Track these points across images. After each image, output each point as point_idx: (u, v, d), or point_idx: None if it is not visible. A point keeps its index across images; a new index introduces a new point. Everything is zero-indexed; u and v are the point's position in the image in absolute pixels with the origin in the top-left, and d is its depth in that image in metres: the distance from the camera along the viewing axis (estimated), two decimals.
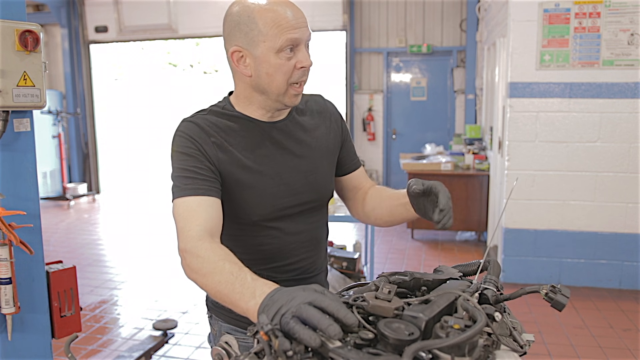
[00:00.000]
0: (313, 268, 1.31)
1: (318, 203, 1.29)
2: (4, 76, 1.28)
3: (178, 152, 1.14)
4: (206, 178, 1.11)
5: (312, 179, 1.25)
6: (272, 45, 1.09)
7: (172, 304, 3.89)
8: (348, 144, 1.38)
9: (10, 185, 1.37)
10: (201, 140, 1.14)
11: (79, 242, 5.77)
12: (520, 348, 0.86)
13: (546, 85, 3.93)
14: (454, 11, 7.35)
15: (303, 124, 1.28)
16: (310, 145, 1.27)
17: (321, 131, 1.30)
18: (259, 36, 1.09)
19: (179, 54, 13.38)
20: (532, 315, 3.56)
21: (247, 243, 1.22)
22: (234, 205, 1.18)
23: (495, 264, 1.04)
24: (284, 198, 1.21)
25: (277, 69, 1.11)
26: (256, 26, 1.09)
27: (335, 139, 1.34)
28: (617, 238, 3.97)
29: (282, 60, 1.10)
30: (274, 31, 1.08)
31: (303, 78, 1.14)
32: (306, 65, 1.12)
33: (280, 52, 1.09)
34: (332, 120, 1.34)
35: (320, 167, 1.28)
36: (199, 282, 0.98)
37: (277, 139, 1.22)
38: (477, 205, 5.35)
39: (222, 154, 1.16)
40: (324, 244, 1.35)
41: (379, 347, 0.75)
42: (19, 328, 1.41)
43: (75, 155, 8.53)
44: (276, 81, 1.12)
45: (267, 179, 1.19)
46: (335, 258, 3.53)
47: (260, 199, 1.19)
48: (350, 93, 7.62)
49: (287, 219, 1.23)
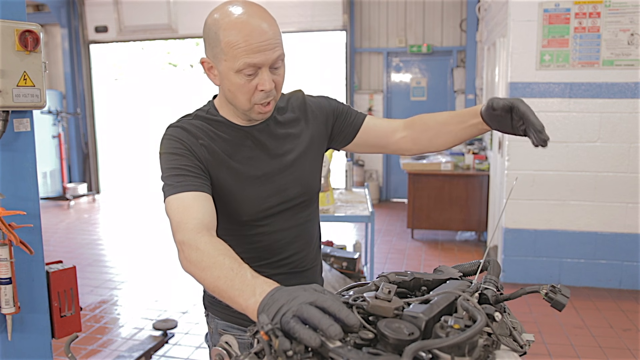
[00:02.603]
0: (305, 263, 1.32)
1: (306, 197, 1.29)
2: (4, 76, 1.28)
3: (167, 153, 1.15)
4: (198, 175, 1.12)
5: (297, 174, 1.27)
6: (230, 65, 1.08)
7: (172, 304, 3.89)
8: (341, 112, 1.35)
9: (10, 185, 1.37)
10: (190, 142, 1.16)
11: (79, 242, 5.77)
12: (520, 348, 0.86)
13: (546, 85, 3.93)
14: (454, 11, 7.35)
15: (283, 122, 1.28)
16: (293, 142, 1.27)
17: (302, 125, 1.30)
18: (220, 54, 1.09)
19: (179, 54, 13.39)
20: (532, 315, 3.56)
21: (238, 241, 1.22)
22: (223, 206, 1.19)
23: (495, 264, 1.04)
24: (271, 197, 1.23)
25: (237, 88, 1.11)
26: (219, 44, 1.08)
27: (319, 126, 1.33)
28: (617, 238, 3.97)
29: (241, 81, 1.09)
30: (233, 52, 1.07)
31: (266, 100, 1.13)
32: (265, 89, 1.10)
33: (238, 73, 1.09)
34: (314, 108, 1.33)
35: (305, 162, 1.29)
36: (196, 276, 0.96)
37: (260, 140, 1.23)
38: (477, 205, 5.35)
39: (210, 156, 1.17)
40: (315, 239, 1.36)
41: (379, 347, 0.75)
42: (19, 328, 1.41)
43: (75, 155, 8.53)
44: (238, 99, 1.13)
45: (253, 179, 1.21)
46: (335, 258, 3.53)
47: (248, 200, 1.20)
48: (350, 93, 7.62)
49: (276, 216, 1.24)
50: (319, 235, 1.39)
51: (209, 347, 1.39)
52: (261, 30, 1.06)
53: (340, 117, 1.35)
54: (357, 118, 1.36)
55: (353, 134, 1.35)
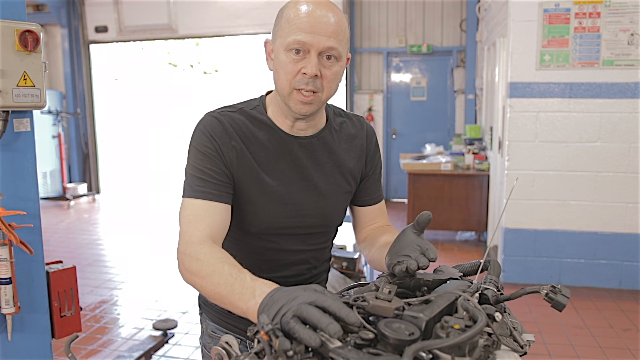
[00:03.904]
0: (309, 282, 1.27)
1: (324, 229, 1.25)
2: (4, 76, 1.28)
3: (196, 149, 1.12)
4: (219, 182, 1.09)
5: (322, 204, 1.21)
6: (283, 41, 1.07)
7: (172, 304, 3.89)
8: (373, 177, 1.31)
9: (10, 185, 1.37)
10: (221, 141, 1.11)
11: (79, 242, 5.77)
12: (521, 348, 0.86)
13: (546, 85, 3.93)
14: (454, 11, 7.35)
15: (330, 146, 1.21)
16: (330, 171, 1.21)
17: (346, 158, 1.24)
18: (278, 30, 1.09)
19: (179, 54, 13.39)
20: (532, 315, 3.56)
21: (246, 249, 1.21)
22: (237, 212, 1.16)
23: (495, 264, 1.04)
24: (288, 218, 1.18)
25: (282, 66, 1.08)
26: (280, 20, 1.09)
27: (360, 168, 1.27)
28: (617, 238, 3.97)
29: (287, 59, 1.07)
30: (287, 28, 1.06)
31: (307, 87, 1.07)
32: (307, 72, 1.05)
33: (288, 51, 1.06)
34: (365, 149, 1.27)
35: (334, 195, 1.23)
36: (197, 285, 0.96)
37: (297, 156, 1.18)
38: (477, 205, 5.35)
39: (238, 160, 1.13)
40: (323, 262, 1.32)
41: (379, 347, 0.75)
42: (19, 328, 1.41)
43: (75, 155, 8.53)
44: (280, 79, 1.09)
45: (276, 196, 1.16)
46: (335, 258, 3.53)
47: (264, 214, 1.16)
48: (350, 93, 7.63)
49: (287, 237, 1.20)
50: (329, 257, 1.34)
51: (201, 347, 1.39)
52: (320, 15, 1.05)
53: (367, 181, 1.31)
54: (372, 198, 1.32)
55: (356, 203, 1.32)
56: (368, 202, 1.32)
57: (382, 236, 1.24)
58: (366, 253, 1.27)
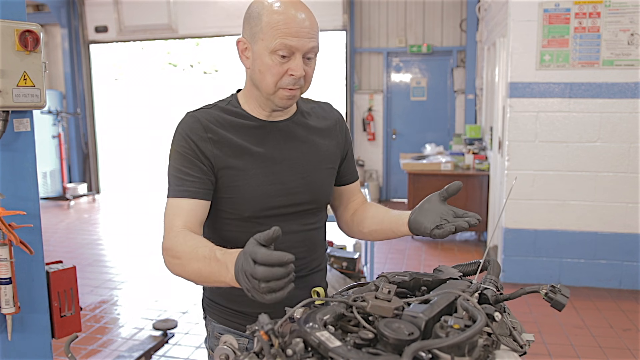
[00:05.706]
0: (307, 268, 1.30)
1: (314, 206, 1.29)
2: (4, 76, 1.28)
3: (175, 150, 1.20)
4: (196, 179, 1.16)
5: (309, 179, 1.26)
6: (267, 45, 1.12)
7: (172, 304, 3.89)
8: (350, 156, 1.41)
9: (10, 185, 1.37)
10: (196, 137, 1.18)
11: (79, 242, 5.77)
12: (520, 348, 0.86)
13: (546, 85, 3.93)
14: (454, 11, 7.35)
15: (306, 125, 1.30)
16: (311, 147, 1.28)
17: (324, 136, 1.32)
18: (259, 33, 1.13)
19: (179, 54, 13.39)
20: (532, 315, 3.56)
21: (239, 238, 1.21)
22: (228, 200, 1.21)
23: (495, 264, 1.04)
24: (278, 197, 1.22)
25: (268, 69, 1.14)
26: (260, 23, 1.13)
27: (338, 148, 1.35)
28: (617, 238, 3.97)
29: (273, 62, 1.12)
30: (272, 32, 1.11)
31: (294, 86, 1.15)
32: (295, 74, 1.13)
33: (273, 54, 1.12)
34: (338, 129, 1.36)
35: (319, 170, 1.29)
36: (183, 275, 1.06)
37: (278, 138, 1.24)
38: (477, 205, 5.35)
39: (218, 150, 1.18)
40: (319, 246, 1.35)
41: (379, 347, 0.75)
42: (19, 328, 1.41)
43: (75, 155, 8.53)
44: (266, 80, 1.15)
45: (262, 177, 1.21)
46: (335, 258, 3.53)
47: (253, 195, 1.20)
48: (350, 93, 7.62)
49: (280, 217, 1.23)
50: (324, 241, 1.38)
51: (208, 350, 1.38)
52: (301, 19, 1.13)
53: (345, 161, 1.39)
54: (352, 176, 1.41)
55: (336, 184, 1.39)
56: (350, 179, 1.41)
57: (374, 208, 1.36)
58: (363, 227, 1.35)
